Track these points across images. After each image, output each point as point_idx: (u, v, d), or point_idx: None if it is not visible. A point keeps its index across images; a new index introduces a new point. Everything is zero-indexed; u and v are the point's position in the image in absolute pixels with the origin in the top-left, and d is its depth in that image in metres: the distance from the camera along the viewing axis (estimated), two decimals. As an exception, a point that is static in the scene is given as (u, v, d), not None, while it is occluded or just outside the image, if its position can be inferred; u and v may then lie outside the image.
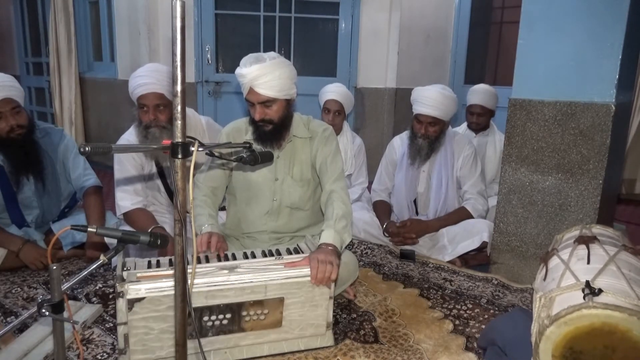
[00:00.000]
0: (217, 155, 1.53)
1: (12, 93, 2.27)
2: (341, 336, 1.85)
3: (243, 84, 1.87)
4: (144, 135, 2.21)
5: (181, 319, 1.14)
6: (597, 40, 2.06)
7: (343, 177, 2.03)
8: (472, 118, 3.30)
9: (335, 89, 3.28)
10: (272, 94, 1.86)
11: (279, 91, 1.87)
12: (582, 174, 2.18)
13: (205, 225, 1.95)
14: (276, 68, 1.84)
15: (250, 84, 1.84)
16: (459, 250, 2.60)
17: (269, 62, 1.84)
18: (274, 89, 1.85)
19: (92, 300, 2.10)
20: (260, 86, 1.84)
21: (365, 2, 4.27)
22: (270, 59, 1.86)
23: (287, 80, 1.88)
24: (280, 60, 1.89)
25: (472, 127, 3.32)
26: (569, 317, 1.25)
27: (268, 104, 1.89)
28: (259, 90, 1.85)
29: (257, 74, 1.82)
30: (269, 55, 1.88)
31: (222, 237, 1.93)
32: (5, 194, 2.42)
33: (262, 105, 1.89)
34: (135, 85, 2.19)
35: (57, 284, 1.09)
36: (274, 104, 1.90)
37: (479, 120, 3.28)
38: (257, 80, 1.83)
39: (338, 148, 2.08)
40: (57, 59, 4.85)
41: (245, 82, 1.85)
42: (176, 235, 1.09)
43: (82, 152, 1.05)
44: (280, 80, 1.85)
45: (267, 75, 1.82)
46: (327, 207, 1.94)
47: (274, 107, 1.90)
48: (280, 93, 1.88)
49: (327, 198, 1.96)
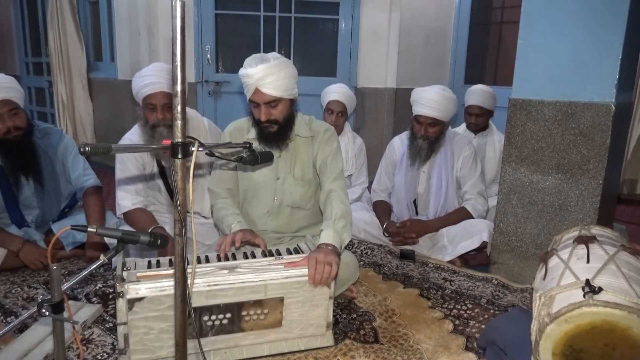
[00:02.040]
0: (217, 155, 1.53)
1: (10, 94, 2.27)
2: (341, 336, 1.85)
3: (248, 84, 1.87)
4: (151, 134, 2.21)
5: (181, 319, 1.14)
6: (597, 40, 2.06)
7: (342, 176, 2.04)
8: (470, 119, 3.30)
9: (339, 90, 3.28)
10: (277, 94, 1.87)
11: (284, 91, 1.88)
12: (582, 174, 2.18)
13: (234, 224, 1.94)
14: (281, 68, 1.85)
15: (256, 85, 1.84)
16: (459, 250, 2.60)
17: (273, 62, 1.85)
18: (279, 88, 1.86)
19: (92, 300, 2.10)
20: (266, 86, 1.84)
21: (365, 2, 4.27)
22: (274, 59, 1.86)
23: (291, 79, 1.90)
24: (283, 59, 1.90)
25: (471, 127, 3.32)
26: (569, 315, 1.25)
27: (274, 104, 1.89)
28: (265, 90, 1.85)
29: (263, 74, 1.82)
30: (272, 56, 1.89)
31: (249, 231, 1.90)
32: (4, 195, 2.42)
33: (268, 106, 1.89)
34: (142, 85, 2.19)
35: (57, 284, 1.09)
36: (280, 103, 1.90)
37: (477, 120, 3.28)
38: (263, 80, 1.83)
39: (339, 148, 2.08)
40: (60, 59, 4.84)
41: (251, 82, 1.85)
42: (176, 235, 1.09)
43: (82, 152, 1.05)
44: (285, 80, 1.86)
45: (273, 75, 1.83)
46: (325, 206, 1.94)
47: (279, 107, 1.91)
48: (285, 92, 1.89)
49: (325, 197, 1.96)
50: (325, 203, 1.95)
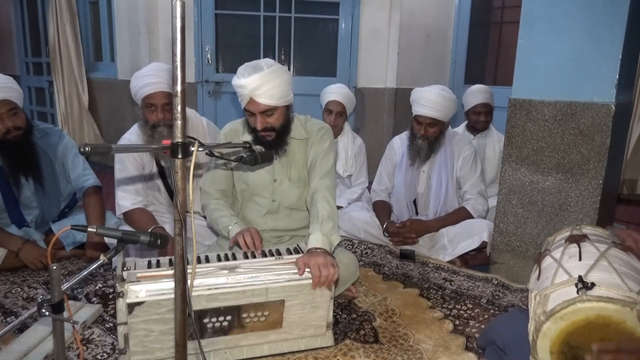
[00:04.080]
0: (217, 156, 1.53)
1: (9, 94, 2.27)
2: (341, 336, 1.85)
3: (242, 94, 1.82)
4: (150, 134, 2.21)
5: (181, 319, 1.14)
6: (597, 40, 2.06)
7: (330, 175, 2.00)
8: (479, 117, 3.25)
9: (338, 90, 3.28)
10: (272, 103, 1.83)
11: (279, 99, 1.84)
12: (582, 174, 2.18)
13: (232, 226, 1.91)
14: (275, 76, 1.81)
15: (250, 94, 1.80)
16: (459, 250, 2.60)
17: (267, 70, 1.80)
18: (274, 97, 1.82)
19: (92, 300, 2.10)
20: (261, 96, 1.80)
21: (365, 2, 4.27)
22: (268, 67, 1.81)
23: (286, 86, 1.86)
24: (277, 66, 1.85)
25: (479, 126, 3.28)
26: (564, 312, 1.25)
27: (269, 112, 1.86)
28: (260, 100, 1.81)
29: (257, 84, 1.78)
30: (266, 63, 1.84)
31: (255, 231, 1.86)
32: (4, 195, 2.42)
33: (263, 115, 1.85)
34: (142, 85, 2.19)
35: (57, 284, 1.09)
36: (275, 112, 1.87)
37: (487, 118, 3.25)
38: (258, 90, 1.79)
39: (332, 146, 2.05)
40: (60, 59, 4.84)
41: (245, 92, 1.80)
42: (176, 235, 1.09)
43: (82, 152, 1.04)
44: (280, 88, 1.82)
45: (267, 84, 1.79)
46: (311, 207, 1.92)
47: (275, 114, 1.87)
48: (280, 100, 1.85)
49: (311, 198, 1.94)
50: (310, 204, 1.93)
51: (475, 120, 3.30)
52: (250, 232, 1.82)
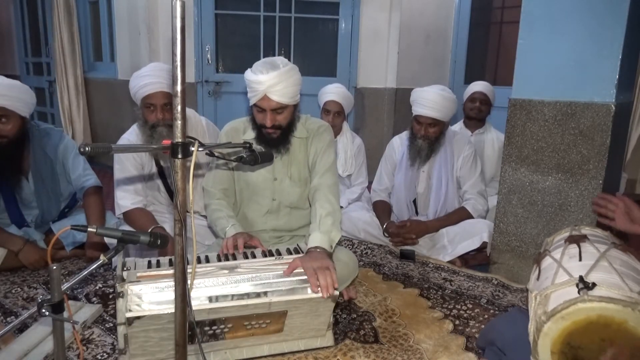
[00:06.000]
0: (217, 155, 1.53)
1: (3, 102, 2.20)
2: (341, 336, 1.85)
3: (257, 90, 1.83)
4: (150, 134, 2.21)
5: (181, 319, 1.14)
6: (597, 40, 2.06)
7: (331, 172, 2.01)
8: (474, 103, 3.26)
9: (335, 90, 3.28)
10: (285, 101, 1.85)
11: (291, 97, 1.87)
12: (582, 174, 2.18)
13: (228, 227, 1.92)
14: (291, 75, 1.84)
15: (265, 91, 1.82)
16: (459, 251, 2.60)
17: (283, 68, 1.82)
18: (287, 95, 1.85)
19: (92, 300, 2.10)
20: (276, 93, 1.82)
21: (365, 2, 4.27)
22: (284, 65, 1.84)
23: (298, 86, 1.89)
24: (292, 66, 1.88)
25: (473, 114, 3.28)
26: (565, 312, 1.25)
27: (280, 110, 1.88)
28: (274, 97, 1.83)
29: (275, 81, 1.80)
30: (281, 62, 1.86)
31: (248, 235, 1.88)
32: (4, 195, 2.42)
33: (274, 112, 1.88)
34: (141, 85, 2.19)
35: (57, 284, 1.09)
36: (285, 110, 1.90)
37: (482, 107, 3.25)
38: (274, 88, 1.81)
39: (331, 144, 2.06)
40: (62, 59, 4.85)
41: (260, 89, 1.82)
42: (176, 235, 1.09)
43: (82, 152, 1.04)
44: (293, 87, 1.86)
45: (283, 82, 1.81)
46: (312, 206, 1.93)
47: (285, 113, 1.90)
48: (292, 99, 1.88)
49: (312, 196, 1.96)
50: (312, 202, 1.95)
51: (470, 108, 3.29)
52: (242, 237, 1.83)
